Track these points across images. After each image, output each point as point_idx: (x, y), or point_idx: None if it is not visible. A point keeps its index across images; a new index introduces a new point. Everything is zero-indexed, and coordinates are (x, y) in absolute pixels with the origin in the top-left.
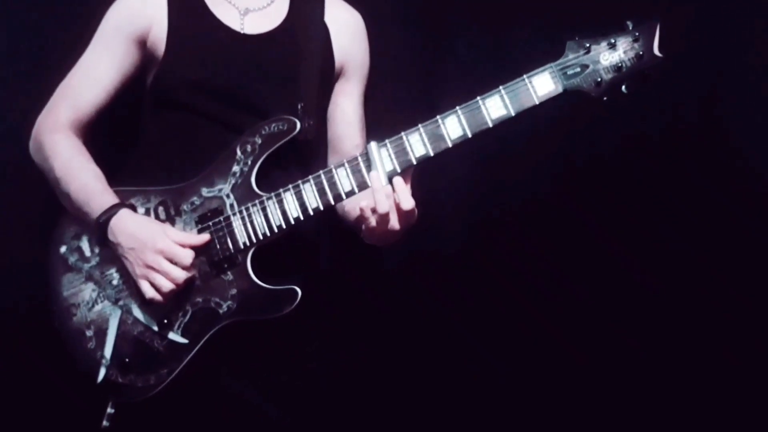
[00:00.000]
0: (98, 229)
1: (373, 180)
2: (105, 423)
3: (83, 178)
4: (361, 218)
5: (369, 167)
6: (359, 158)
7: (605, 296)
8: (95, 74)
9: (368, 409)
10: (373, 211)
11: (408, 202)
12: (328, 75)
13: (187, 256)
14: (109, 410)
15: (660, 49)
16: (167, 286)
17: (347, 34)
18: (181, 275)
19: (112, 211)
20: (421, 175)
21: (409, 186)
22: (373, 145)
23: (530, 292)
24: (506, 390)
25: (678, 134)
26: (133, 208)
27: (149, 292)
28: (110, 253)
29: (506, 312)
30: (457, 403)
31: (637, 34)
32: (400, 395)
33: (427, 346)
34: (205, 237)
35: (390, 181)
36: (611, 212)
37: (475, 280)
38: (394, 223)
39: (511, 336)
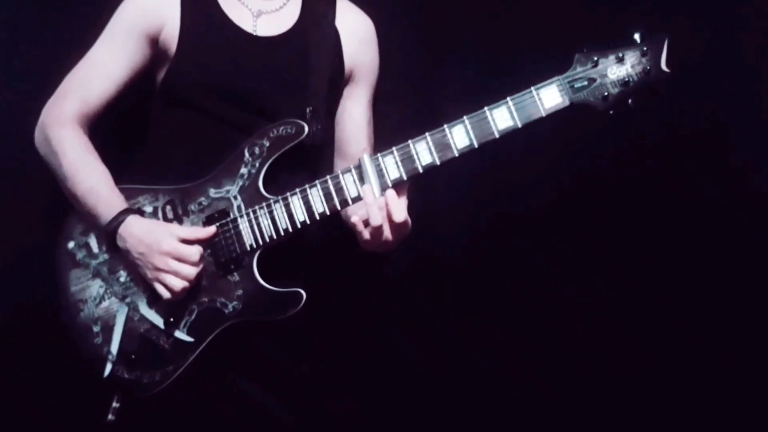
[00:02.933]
0: (107, 237)
1: (365, 193)
2: (110, 417)
3: (90, 181)
4: (355, 231)
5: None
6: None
7: (607, 302)
8: (106, 69)
9: (371, 410)
10: (366, 223)
11: (400, 215)
12: (338, 80)
13: (195, 254)
14: (115, 404)
15: (668, 64)
16: (179, 284)
17: (357, 39)
18: (191, 272)
19: (119, 218)
20: (421, 177)
21: (404, 199)
22: (366, 157)
23: (532, 298)
24: (507, 394)
25: (684, 139)
26: (140, 212)
27: (164, 294)
28: (119, 252)
29: (507, 317)
30: (459, 407)
31: (645, 48)
32: (402, 397)
33: (429, 349)
34: (212, 229)
35: (383, 193)
36: (614, 218)
37: (477, 284)
38: (388, 234)
39: (512, 341)
